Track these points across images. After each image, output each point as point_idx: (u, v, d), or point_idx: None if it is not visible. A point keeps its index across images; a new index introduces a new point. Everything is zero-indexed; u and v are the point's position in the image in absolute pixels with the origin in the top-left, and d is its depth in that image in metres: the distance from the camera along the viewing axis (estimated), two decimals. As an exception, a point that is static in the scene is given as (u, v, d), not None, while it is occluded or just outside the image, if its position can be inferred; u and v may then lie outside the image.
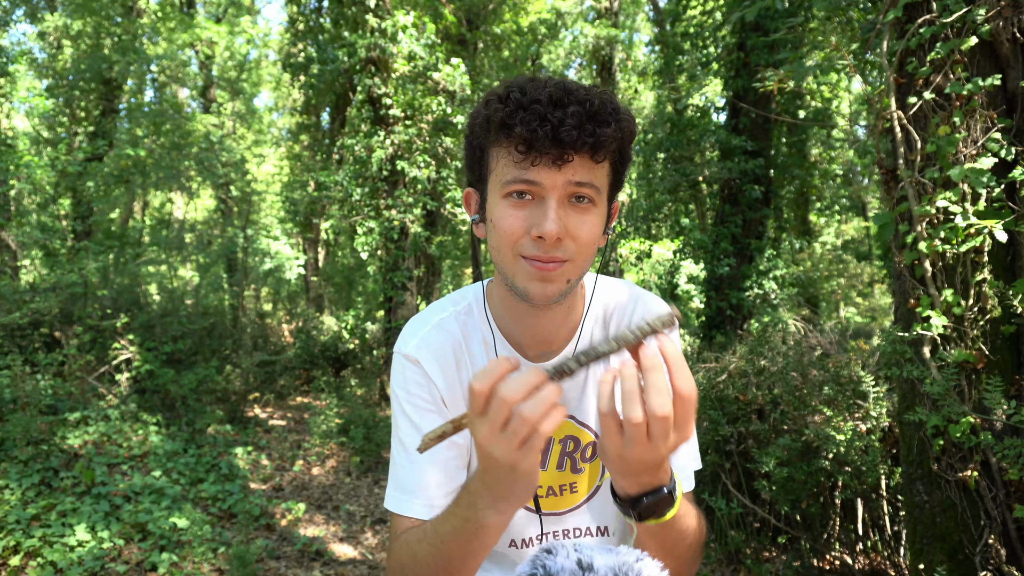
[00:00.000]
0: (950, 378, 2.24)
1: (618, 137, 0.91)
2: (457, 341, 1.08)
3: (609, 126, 0.88)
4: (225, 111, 13.56)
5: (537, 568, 0.66)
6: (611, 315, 1.13)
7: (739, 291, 7.07)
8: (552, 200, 0.90)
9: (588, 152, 0.89)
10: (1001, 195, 2.28)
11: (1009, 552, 2.22)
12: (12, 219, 8.09)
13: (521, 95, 0.88)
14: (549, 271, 0.92)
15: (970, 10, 2.30)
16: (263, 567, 3.60)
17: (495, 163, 0.94)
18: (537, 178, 0.89)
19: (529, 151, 0.88)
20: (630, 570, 0.65)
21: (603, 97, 0.90)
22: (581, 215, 0.92)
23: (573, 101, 0.87)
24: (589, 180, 0.91)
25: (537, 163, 0.89)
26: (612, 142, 0.90)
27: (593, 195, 0.92)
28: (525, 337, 1.07)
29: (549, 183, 0.89)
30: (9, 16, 9.20)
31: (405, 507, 1.02)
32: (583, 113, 0.86)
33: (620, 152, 0.95)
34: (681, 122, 7.79)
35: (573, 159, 0.88)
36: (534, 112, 0.86)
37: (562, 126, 0.85)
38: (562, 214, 0.90)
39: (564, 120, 0.85)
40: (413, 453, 1.03)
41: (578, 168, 0.89)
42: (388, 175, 7.60)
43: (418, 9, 8.71)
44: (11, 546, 3.25)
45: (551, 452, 1.10)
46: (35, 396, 4.65)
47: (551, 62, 13.47)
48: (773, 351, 3.84)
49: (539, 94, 0.87)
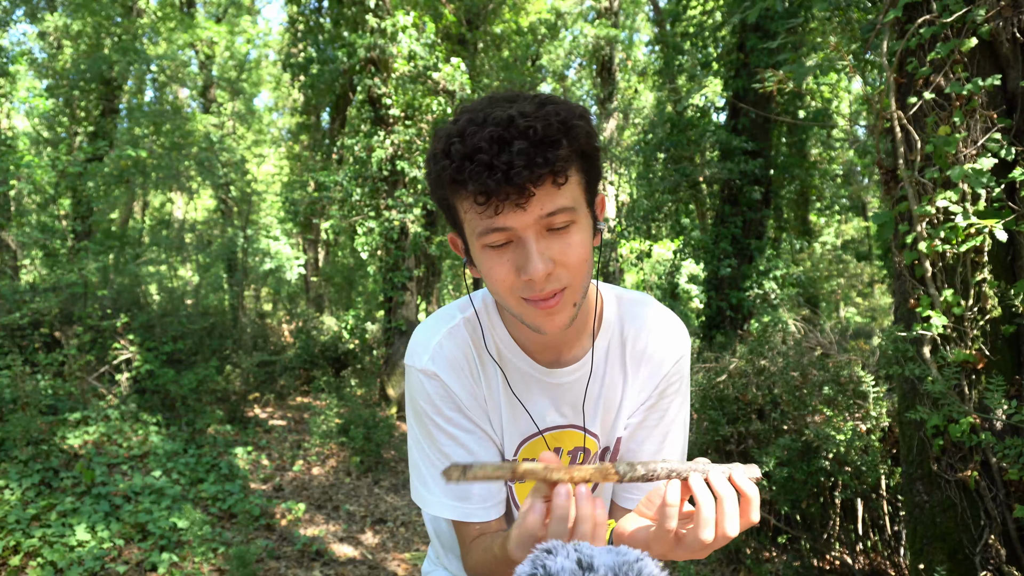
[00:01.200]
0: (950, 378, 2.24)
1: (575, 150, 0.87)
2: (469, 349, 1.07)
3: (560, 146, 0.84)
4: (225, 111, 13.55)
5: (537, 568, 0.66)
6: (624, 319, 1.10)
7: (739, 291, 7.08)
8: (530, 239, 0.87)
9: (548, 180, 0.86)
10: (1001, 195, 2.28)
11: (1009, 552, 2.22)
12: (12, 219, 8.10)
13: (462, 145, 0.84)
14: (552, 306, 0.91)
15: (970, 10, 2.30)
16: (263, 567, 3.60)
17: (463, 214, 0.91)
18: (506, 223, 0.87)
19: (489, 200, 0.85)
20: (630, 570, 0.65)
21: (546, 115, 0.85)
22: (564, 239, 0.89)
23: (516, 135, 0.82)
24: (559, 206, 0.87)
25: (501, 209, 0.86)
26: (569, 160, 0.87)
27: (570, 217, 0.89)
28: (538, 346, 1.06)
29: (520, 224, 0.87)
30: (9, 16, 9.20)
31: (464, 514, 1.05)
32: (529, 146, 0.82)
33: (582, 156, 0.91)
34: (681, 122, 7.80)
35: (535, 193, 0.85)
36: (480, 164, 0.83)
37: (511, 169, 0.82)
38: (544, 247, 0.88)
39: (512, 162, 0.82)
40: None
41: (543, 199, 0.86)
42: (388, 175, 7.60)
43: (418, 9, 8.72)
44: (11, 546, 3.25)
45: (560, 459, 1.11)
46: (35, 396, 4.64)
47: (551, 62, 13.47)
48: (773, 351, 3.84)
49: (479, 140, 0.83)
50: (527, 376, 1.07)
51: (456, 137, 0.86)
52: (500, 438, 1.09)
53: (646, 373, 1.08)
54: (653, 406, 1.09)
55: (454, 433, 1.05)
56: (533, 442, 1.09)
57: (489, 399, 1.08)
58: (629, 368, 1.08)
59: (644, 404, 1.09)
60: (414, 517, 4.68)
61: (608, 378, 1.08)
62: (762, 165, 7.07)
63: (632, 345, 1.09)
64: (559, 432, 1.09)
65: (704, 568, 3.40)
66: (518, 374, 1.07)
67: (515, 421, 1.08)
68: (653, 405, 1.09)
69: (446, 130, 0.89)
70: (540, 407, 1.08)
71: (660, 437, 1.10)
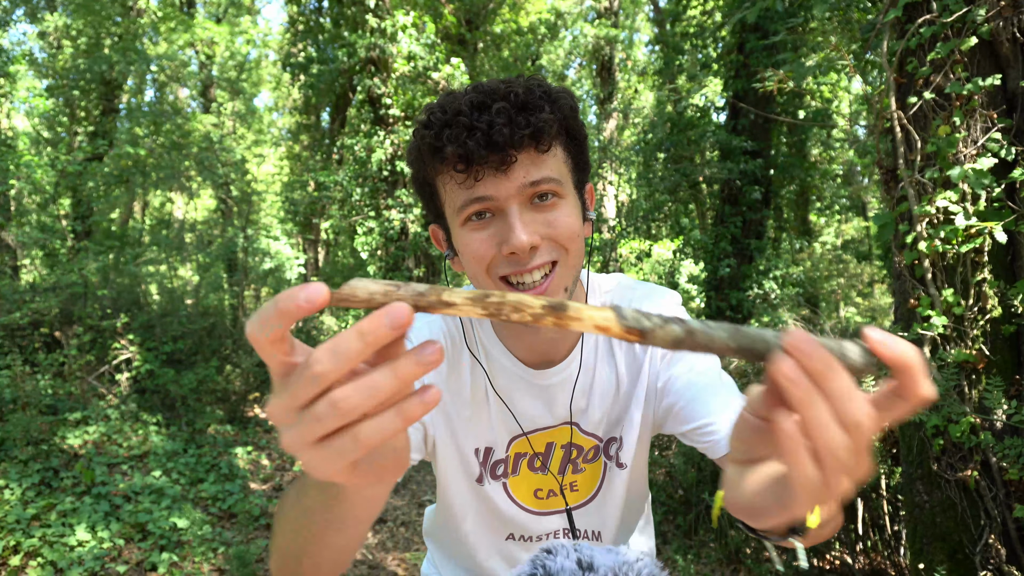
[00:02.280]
0: (950, 378, 2.24)
1: (558, 118, 0.83)
2: (446, 338, 1.02)
3: (543, 110, 0.81)
4: (225, 111, 13.55)
5: (537, 568, 0.66)
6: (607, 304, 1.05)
7: (739, 291, 7.08)
8: (513, 208, 0.82)
9: (530, 144, 0.81)
10: (1001, 195, 2.28)
11: (1009, 552, 2.22)
12: (12, 219, 8.09)
13: (442, 113, 0.82)
14: (541, 292, 0.84)
15: (970, 10, 2.30)
16: (263, 567, 3.60)
17: (444, 193, 0.87)
18: (487, 192, 0.82)
19: (469, 167, 0.81)
20: (630, 570, 0.65)
21: (529, 84, 0.83)
22: (550, 212, 0.85)
23: (497, 98, 0.80)
24: (544, 175, 0.83)
25: (481, 176, 0.81)
26: (552, 125, 0.82)
27: (555, 188, 0.84)
28: (523, 344, 1.01)
29: (502, 193, 0.82)
30: (9, 16, 9.20)
31: None
32: (510, 107, 0.80)
33: (568, 133, 0.87)
34: (681, 122, 7.80)
35: (516, 159, 0.81)
36: (459, 125, 0.79)
37: (492, 128, 0.78)
38: (528, 220, 0.83)
39: (492, 122, 0.78)
40: None
41: (526, 166, 0.82)
42: (388, 175, 7.60)
43: (418, 9, 8.72)
44: (11, 546, 3.25)
45: (552, 456, 1.06)
46: (35, 396, 4.64)
47: (551, 62, 13.47)
48: (773, 351, 3.83)
49: (459, 105, 0.81)
50: (513, 376, 1.02)
51: (436, 108, 0.84)
52: (492, 433, 1.05)
53: (638, 351, 1.03)
54: (670, 378, 0.98)
55: None
56: (520, 440, 1.06)
57: (473, 395, 1.03)
58: (618, 354, 1.04)
59: (660, 381, 1.00)
60: (414, 517, 4.68)
61: (599, 370, 1.03)
62: (762, 165, 7.07)
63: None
64: (551, 431, 1.06)
65: (704, 568, 3.40)
66: (504, 374, 1.02)
67: (504, 419, 1.04)
68: (669, 379, 0.98)
69: (428, 106, 0.87)
70: (528, 407, 1.03)
71: (713, 389, 0.93)
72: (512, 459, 1.07)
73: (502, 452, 1.06)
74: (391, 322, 0.39)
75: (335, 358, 0.40)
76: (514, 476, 1.07)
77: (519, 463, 1.07)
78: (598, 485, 1.11)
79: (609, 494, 1.10)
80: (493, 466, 1.07)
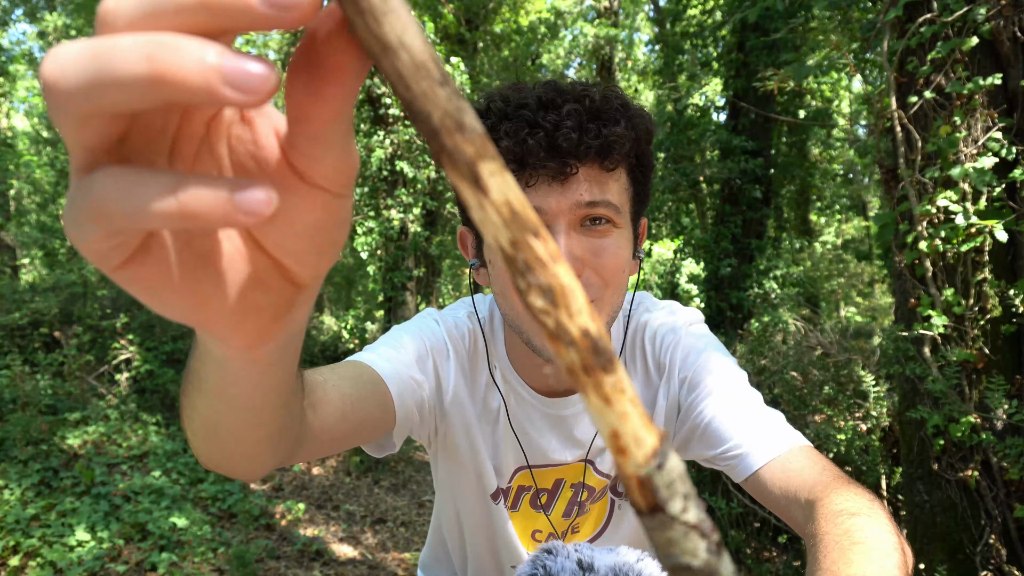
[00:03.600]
0: (951, 377, 2.24)
1: (631, 137, 0.73)
2: (471, 344, 0.93)
3: (618, 123, 0.71)
4: (225, 111, 13.56)
5: (537, 568, 0.65)
6: (659, 346, 0.91)
7: (739, 291, 7.08)
8: (561, 226, 0.72)
9: (596, 159, 0.72)
10: (1002, 195, 2.28)
11: (1009, 552, 2.22)
12: (12, 219, 8.09)
13: (504, 103, 0.72)
14: None
15: (970, 9, 2.30)
16: (263, 567, 3.60)
17: None
18: (537, 202, 0.72)
19: (522, 168, 0.71)
20: (630, 570, 0.65)
21: (607, 92, 0.73)
22: (600, 239, 0.74)
23: (568, 98, 0.71)
24: (603, 198, 0.73)
25: (534, 182, 0.72)
26: (624, 143, 0.72)
27: (611, 215, 0.74)
28: (537, 371, 0.90)
29: (553, 206, 0.72)
30: (9, 15, 9.20)
31: (366, 358, 0.82)
32: (583, 111, 0.70)
33: (637, 157, 0.77)
34: (681, 122, 7.80)
35: (578, 171, 0.71)
36: (521, 119, 0.70)
37: (558, 130, 0.69)
38: (575, 243, 0.73)
39: (560, 123, 0.69)
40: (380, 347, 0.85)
41: (587, 183, 0.72)
42: (388, 175, 7.60)
43: (417, 8, 8.71)
44: (11, 546, 3.25)
45: (558, 497, 0.96)
46: (35, 396, 4.64)
47: (551, 62, 13.47)
48: (773, 351, 3.84)
49: (525, 97, 0.72)
50: (526, 403, 0.93)
51: (498, 96, 0.74)
52: (498, 459, 0.95)
53: (652, 375, 0.93)
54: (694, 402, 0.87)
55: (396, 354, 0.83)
56: (524, 473, 0.96)
57: (484, 413, 0.93)
58: (634, 382, 0.93)
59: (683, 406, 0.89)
60: (414, 517, 4.67)
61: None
62: (762, 164, 7.07)
63: (641, 360, 0.93)
64: (563, 467, 0.95)
65: (704, 568, 3.40)
66: (516, 399, 0.93)
67: (512, 447, 0.94)
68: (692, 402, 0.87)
69: (487, 92, 0.77)
70: (540, 439, 0.93)
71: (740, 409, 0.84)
72: (515, 491, 0.97)
73: (504, 481, 0.97)
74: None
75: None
76: (513, 511, 0.98)
77: (521, 497, 0.98)
78: (602, 525, 1.02)
79: (616, 533, 1.02)
80: (497, 488, 0.98)
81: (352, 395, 0.70)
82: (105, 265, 0.25)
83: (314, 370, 0.68)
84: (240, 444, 0.49)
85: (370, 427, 0.75)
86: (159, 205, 0.21)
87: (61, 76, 0.20)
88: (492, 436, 0.94)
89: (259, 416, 0.45)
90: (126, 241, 0.24)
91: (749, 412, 0.82)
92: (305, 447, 0.61)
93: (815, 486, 0.69)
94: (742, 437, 0.80)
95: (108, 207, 0.21)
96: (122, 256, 0.24)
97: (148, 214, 0.21)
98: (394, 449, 0.85)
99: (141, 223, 0.22)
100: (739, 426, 0.81)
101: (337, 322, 10.98)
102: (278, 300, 0.29)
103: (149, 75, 0.19)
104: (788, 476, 0.73)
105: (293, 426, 0.53)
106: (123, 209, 0.21)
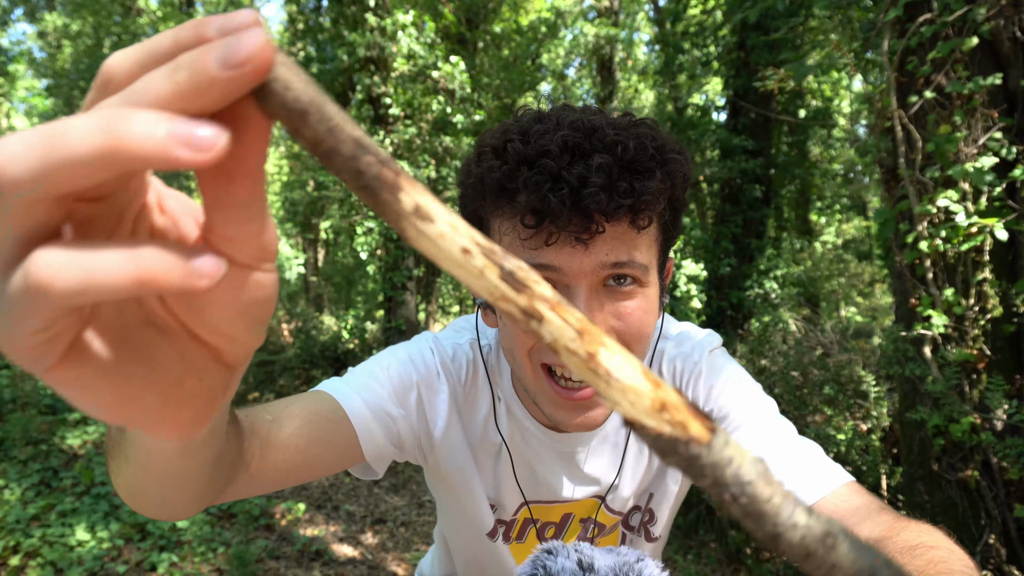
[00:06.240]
0: (951, 377, 2.24)
1: (666, 189, 0.65)
2: (471, 373, 0.87)
3: (653, 176, 0.63)
4: (225, 111, 13.55)
5: (537, 568, 0.65)
6: (678, 378, 0.86)
7: (740, 290, 7.08)
8: (581, 288, 0.65)
9: (626, 218, 0.64)
10: (1002, 194, 2.28)
11: (1009, 552, 2.22)
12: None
13: (523, 144, 0.64)
14: (585, 398, 0.69)
15: (971, 9, 2.30)
16: (263, 567, 3.60)
17: (497, 238, 0.68)
18: (556, 261, 0.64)
19: (540, 224, 0.63)
20: (631, 570, 0.64)
21: (640, 135, 0.64)
22: (624, 301, 0.68)
23: (598, 147, 0.62)
24: (631, 258, 0.66)
25: (553, 241, 0.64)
26: (659, 199, 0.64)
27: (639, 275, 0.67)
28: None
29: (574, 267, 0.65)
30: (8, 16, 9.20)
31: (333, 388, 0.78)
32: (613, 164, 0.62)
33: (671, 202, 0.69)
34: (681, 121, 7.80)
35: (604, 229, 0.63)
36: (543, 170, 0.62)
37: (585, 187, 0.61)
38: (596, 306, 0.66)
39: (587, 178, 0.61)
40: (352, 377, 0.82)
41: (613, 242, 0.65)
42: (388, 175, 7.61)
43: (418, 8, 8.72)
44: (11, 546, 3.25)
45: (566, 531, 0.93)
46: (35, 396, 4.64)
47: (551, 61, 13.47)
48: (774, 351, 3.84)
49: (548, 142, 0.62)
50: (532, 436, 0.87)
51: (516, 134, 0.65)
52: (500, 492, 0.91)
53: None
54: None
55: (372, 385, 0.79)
56: (532, 506, 0.92)
57: (483, 443, 0.88)
58: None
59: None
60: (414, 517, 4.68)
61: (632, 437, 0.87)
62: (762, 164, 7.07)
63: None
64: (572, 504, 0.91)
65: (704, 568, 3.40)
66: (521, 432, 0.87)
67: (519, 483, 0.89)
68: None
69: (503, 125, 0.69)
70: (547, 475, 0.88)
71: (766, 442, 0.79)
72: (520, 523, 0.92)
73: (508, 514, 0.91)
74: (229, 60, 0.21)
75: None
76: (519, 543, 0.93)
77: (527, 530, 0.93)
78: None
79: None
80: (496, 525, 0.94)
81: (304, 434, 0.68)
82: (38, 365, 0.23)
83: (264, 407, 0.66)
84: (165, 502, 0.51)
85: (323, 465, 0.73)
86: (116, 269, 0.21)
87: (11, 161, 0.20)
88: (494, 470, 0.89)
89: (186, 482, 0.47)
90: (60, 334, 0.22)
91: (786, 447, 0.77)
92: (240, 488, 0.62)
93: (877, 524, 0.66)
94: (783, 476, 0.73)
95: (52, 284, 0.20)
96: (56, 353, 0.23)
97: (102, 281, 0.21)
98: (377, 475, 0.83)
99: (91, 294, 0.21)
100: (778, 464, 0.75)
101: (337, 322, 10.98)
102: (213, 384, 0.28)
103: (104, 146, 0.20)
104: (843, 516, 0.69)
105: (222, 476, 0.55)
106: (71, 280, 0.20)
